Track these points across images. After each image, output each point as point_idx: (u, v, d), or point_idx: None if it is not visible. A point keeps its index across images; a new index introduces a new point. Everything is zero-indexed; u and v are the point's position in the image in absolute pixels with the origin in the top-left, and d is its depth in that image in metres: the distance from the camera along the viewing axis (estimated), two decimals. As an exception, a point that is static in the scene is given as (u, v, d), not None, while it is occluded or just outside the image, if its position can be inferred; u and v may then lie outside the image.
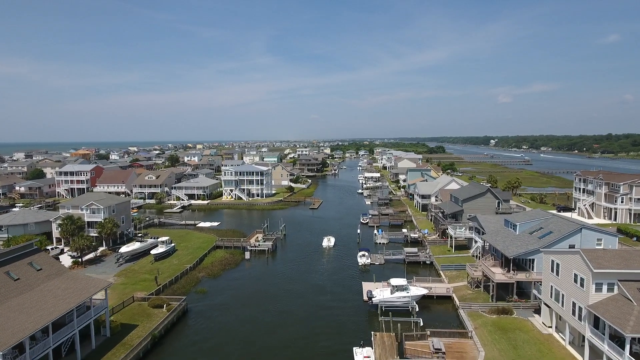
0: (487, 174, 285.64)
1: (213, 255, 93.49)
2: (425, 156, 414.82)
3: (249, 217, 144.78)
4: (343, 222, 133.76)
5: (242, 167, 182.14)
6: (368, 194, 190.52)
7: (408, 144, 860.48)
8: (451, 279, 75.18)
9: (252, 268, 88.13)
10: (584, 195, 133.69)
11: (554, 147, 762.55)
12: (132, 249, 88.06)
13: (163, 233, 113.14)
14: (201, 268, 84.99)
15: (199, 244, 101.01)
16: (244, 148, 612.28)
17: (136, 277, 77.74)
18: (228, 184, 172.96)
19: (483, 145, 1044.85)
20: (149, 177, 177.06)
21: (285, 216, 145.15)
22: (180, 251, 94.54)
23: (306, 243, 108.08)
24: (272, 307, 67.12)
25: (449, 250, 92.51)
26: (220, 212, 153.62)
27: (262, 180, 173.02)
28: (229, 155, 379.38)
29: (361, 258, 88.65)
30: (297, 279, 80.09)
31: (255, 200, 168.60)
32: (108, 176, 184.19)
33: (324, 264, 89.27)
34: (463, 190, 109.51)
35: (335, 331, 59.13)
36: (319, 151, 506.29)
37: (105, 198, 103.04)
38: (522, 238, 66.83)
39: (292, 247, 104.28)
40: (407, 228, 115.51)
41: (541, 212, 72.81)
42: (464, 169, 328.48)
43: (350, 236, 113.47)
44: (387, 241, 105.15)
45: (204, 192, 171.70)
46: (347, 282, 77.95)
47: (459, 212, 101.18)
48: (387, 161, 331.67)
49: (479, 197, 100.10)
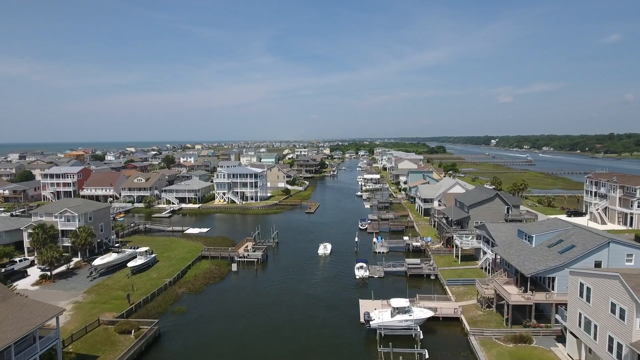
0: (490, 175, 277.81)
1: (197, 267, 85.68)
2: (426, 156, 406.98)
3: (241, 222, 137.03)
4: (340, 227, 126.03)
5: (236, 169, 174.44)
6: (367, 197, 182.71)
7: (408, 144, 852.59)
8: (459, 296, 67.38)
9: (239, 281, 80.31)
10: (596, 198, 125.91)
11: (555, 147, 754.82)
12: (107, 261, 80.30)
13: (147, 241, 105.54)
14: (182, 282, 77.15)
15: (184, 253, 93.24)
16: (242, 148, 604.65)
17: (108, 294, 69.94)
18: (220, 187, 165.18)
19: (484, 145, 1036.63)
20: (138, 180, 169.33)
21: (280, 221, 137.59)
22: (162, 262, 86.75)
23: (300, 251, 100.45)
24: (258, 329, 59.42)
25: (454, 261, 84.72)
26: (211, 217, 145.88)
27: (256, 182, 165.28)
28: (226, 156, 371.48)
29: (359, 270, 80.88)
30: (287, 295, 72.32)
31: (249, 204, 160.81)
32: (96, 179, 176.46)
33: (317, 276, 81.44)
34: (469, 194, 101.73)
35: (328, 358, 51.56)
36: (318, 151, 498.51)
37: (82, 204, 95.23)
38: (539, 252, 59.01)
39: (285, 256, 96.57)
40: (408, 235, 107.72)
41: (560, 222, 65.05)
42: (465, 169, 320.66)
43: (347, 243, 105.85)
44: (387, 250, 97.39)
45: (195, 195, 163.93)
46: (343, 299, 70.13)
47: (465, 218, 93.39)
48: (387, 162, 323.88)
49: (486, 202, 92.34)
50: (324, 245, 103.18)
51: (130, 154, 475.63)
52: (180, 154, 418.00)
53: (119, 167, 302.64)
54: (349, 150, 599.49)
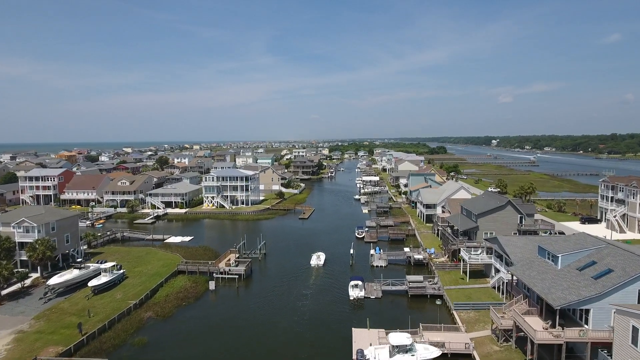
0: (494, 177, 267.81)
1: (171, 285, 75.71)
2: (427, 157, 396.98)
3: (229, 229, 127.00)
4: (336, 234, 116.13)
5: (225, 171, 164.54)
6: (366, 201, 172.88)
7: (409, 145, 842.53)
8: (469, 324, 57.43)
9: (216, 303, 70.28)
10: (612, 204, 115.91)
11: (557, 147, 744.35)
12: (65, 280, 70.39)
13: (121, 252, 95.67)
14: (150, 305, 67.17)
15: (158, 268, 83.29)
16: (241, 149, 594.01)
17: (60, 320, 60.02)
18: (209, 191, 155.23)
19: (485, 145, 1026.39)
20: (122, 183, 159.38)
21: (271, 227, 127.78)
22: (131, 279, 76.78)
23: (290, 263, 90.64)
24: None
25: (462, 278, 74.77)
26: (198, 223, 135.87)
27: (247, 186, 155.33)
28: (221, 157, 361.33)
29: (353, 289, 70.94)
30: (270, 319, 62.36)
31: (239, 209, 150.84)
32: (78, 182, 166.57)
33: (306, 297, 71.33)
34: (477, 201, 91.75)
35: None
36: (316, 152, 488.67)
37: (45, 212, 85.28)
38: (568, 277, 49.07)
39: (273, 270, 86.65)
40: (409, 246, 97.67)
41: (589, 238, 55.09)
42: (467, 170, 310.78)
43: (342, 253, 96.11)
44: (385, 263, 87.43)
45: (182, 199, 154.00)
46: (333, 329, 60.02)
47: (472, 229, 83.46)
48: (387, 163, 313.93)
49: (497, 211, 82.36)
50: (317, 255, 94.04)
51: (125, 155, 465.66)
52: (176, 155, 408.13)
53: (110, 168, 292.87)
54: (348, 151, 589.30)
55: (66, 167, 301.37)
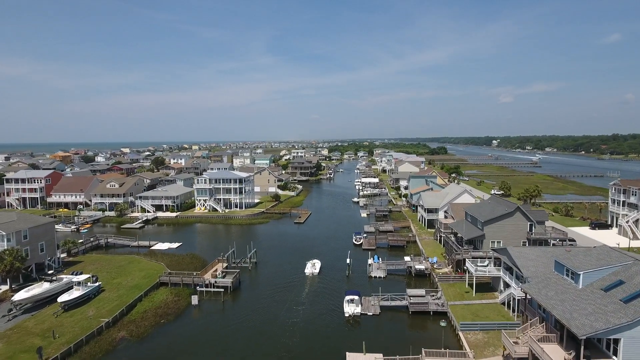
0: (496, 178, 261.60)
1: (151, 299, 69.59)
2: (427, 158, 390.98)
3: (220, 235, 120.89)
4: (333, 240, 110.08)
5: (218, 173, 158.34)
6: (364, 203, 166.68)
7: (409, 145, 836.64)
8: (478, 348, 51.27)
9: (198, 320, 64.09)
10: (624, 209, 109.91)
11: (559, 147, 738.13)
12: (32, 294, 64.22)
13: (102, 261, 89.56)
14: (125, 323, 61.05)
15: (139, 279, 77.19)
16: (240, 149, 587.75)
17: (22, 342, 53.89)
18: (201, 194, 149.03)
19: (485, 145, 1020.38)
20: (112, 185, 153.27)
21: (265, 233, 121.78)
22: (108, 293, 70.64)
23: (283, 272, 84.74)
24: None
25: (467, 292, 68.59)
26: (188, 228, 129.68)
27: (241, 188, 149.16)
28: (218, 158, 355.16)
29: (349, 305, 64.81)
30: (256, 340, 56.24)
31: (232, 212, 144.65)
32: (66, 184, 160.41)
33: (298, 313, 65.20)
34: (482, 207, 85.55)
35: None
36: (316, 152, 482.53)
37: (16, 219, 79.14)
38: (592, 298, 42.98)
39: (264, 280, 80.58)
40: (410, 254, 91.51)
41: (613, 253, 48.90)
42: (469, 172, 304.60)
43: (339, 261, 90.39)
44: (384, 274, 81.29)
45: (173, 202, 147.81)
46: (327, 348, 54.03)
47: (478, 237, 77.33)
48: (386, 164, 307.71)
49: (505, 218, 76.22)
50: (313, 263, 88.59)
51: (122, 155, 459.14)
52: (172, 155, 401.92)
53: (104, 169, 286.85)
54: (347, 151, 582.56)
55: (59, 168, 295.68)
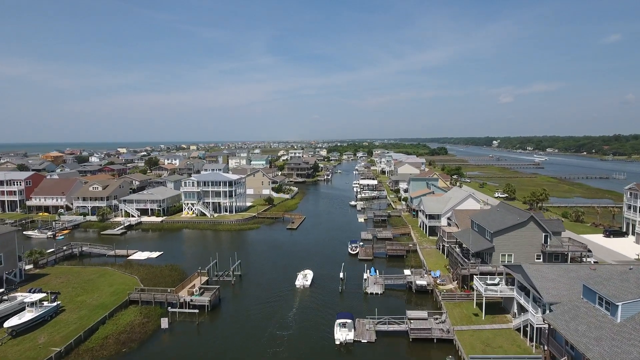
0: (498, 180, 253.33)
1: (115, 321, 61.22)
2: (428, 158, 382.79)
3: (206, 242, 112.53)
4: (327, 249, 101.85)
5: (207, 175, 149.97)
6: (362, 207, 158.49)
7: (409, 145, 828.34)
8: (491, 390, 43.07)
9: (167, 348, 55.59)
10: None
11: (560, 148, 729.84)
12: (-25, 319, 56.03)
13: (71, 273, 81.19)
14: (81, 352, 52.64)
15: (107, 296, 68.86)
16: (239, 149, 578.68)
17: (-49, 380, 45.72)
18: (189, 197, 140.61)
19: (486, 146, 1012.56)
20: (94, 188, 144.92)
21: (254, 240, 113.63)
22: (68, 314, 62.30)
23: (271, 285, 76.94)
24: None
25: (475, 314, 60.32)
26: (173, 234, 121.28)
27: (232, 191, 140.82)
28: (213, 158, 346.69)
29: (341, 330, 56.49)
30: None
31: (221, 217, 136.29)
32: (47, 186, 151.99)
33: (283, 339, 56.86)
34: (490, 215, 77.21)
35: None
36: (314, 153, 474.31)
37: (-30, 229, 70.94)
38: (635, 337, 34.75)
39: (248, 296, 72.35)
40: (410, 267, 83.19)
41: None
42: (470, 173, 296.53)
43: (333, 270, 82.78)
44: (382, 290, 73.00)
45: (159, 206, 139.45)
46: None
47: (487, 250, 69.08)
48: (386, 165, 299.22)
49: (517, 228, 67.94)
50: (304, 274, 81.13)
51: (116, 156, 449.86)
52: (167, 156, 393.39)
53: (95, 170, 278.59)
54: (346, 152, 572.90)
55: (49, 169, 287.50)
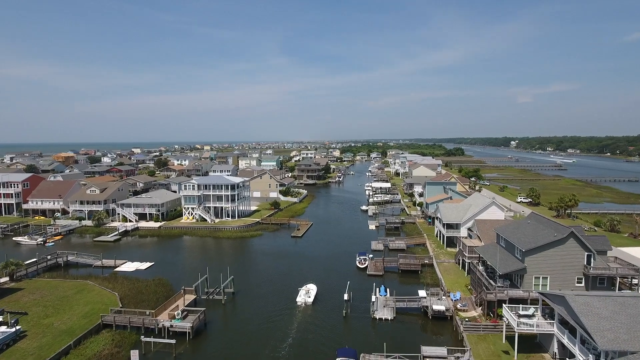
0: (519, 183, 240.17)
1: (81, 351, 52.61)
2: (444, 159, 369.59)
3: (203, 251, 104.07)
4: (334, 259, 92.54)
5: (209, 178, 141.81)
6: (374, 212, 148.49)
7: (424, 146, 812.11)
8: None
9: (136, 386, 47.08)
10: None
11: (582, 149, 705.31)
12: None
13: (48, 288, 73.50)
14: (30, 393, 44.39)
15: (78, 318, 60.56)
16: (252, 149, 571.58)
17: None
18: (189, 201, 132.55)
19: (503, 147, 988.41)
20: (92, 191, 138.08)
21: (255, 249, 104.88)
22: (28, 340, 54.06)
23: (267, 305, 67.92)
24: None
25: (505, 352, 49.99)
26: (169, 242, 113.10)
27: (235, 195, 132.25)
28: (223, 159, 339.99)
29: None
30: None
31: (223, 223, 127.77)
32: (44, 189, 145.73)
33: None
34: (520, 229, 66.44)
35: None
36: (327, 153, 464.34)
37: None
38: None
39: (240, 319, 63.31)
40: (426, 287, 72.95)
41: None
42: (489, 175, 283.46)
43: (339, 285, 73.95)
44: (392, 315, 63.08)
45: (157, 210, 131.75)
46: None
47: (518, 271, 58.60)
48: (400, 167, 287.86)
49: (554, 246, 57.29)
50: (306, 288, 72.88)
51: (127, 156, 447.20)
52: (177, 156, 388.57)
53: (104, 171, 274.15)
54: (360, 152, 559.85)
55: (58, 170, 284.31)
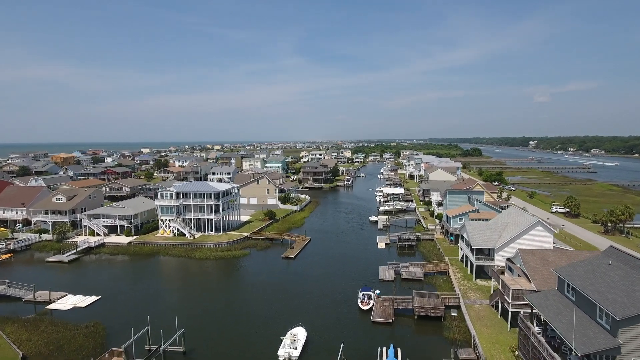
0: (547, 187, 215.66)
1: None
2: (461, 160, 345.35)
3: (171, 278, 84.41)
4: (330, 292, 71.66)
5: (190, 185, 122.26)
6: (385, 224, 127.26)
7: (439, 146, 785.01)
8: None
9: None
10: None
11: (607, 149, 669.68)
12: None
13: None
14: None
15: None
16: (264, 149, 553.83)
17: None
18: (166, 212, 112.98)
19: (522, 147, 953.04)
20: (58, 199, 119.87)
21: (236, 274, 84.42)
22: None
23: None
24: None
25: None
26: (135, 264, 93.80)
27: (219, 205, 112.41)
28: (226, 160, 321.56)
29: None
30: None
31: (204, 238, 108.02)
32: (8, 196, 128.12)
33: None
34: (599, 275, 44.45)
35: None
36: (337, 154, 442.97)
37: None
38: None
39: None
40: (453, 340, 51.84)
41: None
42: (511, 178, 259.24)
43: (335, 332, 51.78)
44: (406, 402, 42.34)
45: (130, 222, 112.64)
46: None
47: (605, 352, 37.08)
48: (414, 169, 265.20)
49: (667, 312, 35.71)
50: (292, 336, 52.65)
51: (132, 157, 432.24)
52: (178, 157, 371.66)
53: (98, 172, 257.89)
54: (372, 153, 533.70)
55: (52, 171, 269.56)
